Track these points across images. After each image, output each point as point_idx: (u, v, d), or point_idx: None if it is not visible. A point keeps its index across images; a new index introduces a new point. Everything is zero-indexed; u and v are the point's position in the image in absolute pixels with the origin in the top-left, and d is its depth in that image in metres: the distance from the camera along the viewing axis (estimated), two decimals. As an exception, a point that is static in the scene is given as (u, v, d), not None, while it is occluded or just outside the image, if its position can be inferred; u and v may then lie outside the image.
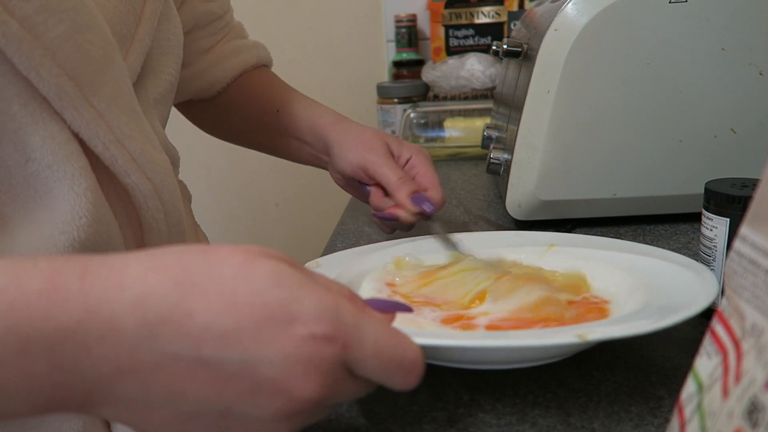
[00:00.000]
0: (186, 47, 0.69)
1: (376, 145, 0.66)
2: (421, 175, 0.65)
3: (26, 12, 0.39)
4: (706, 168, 0.64)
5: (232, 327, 0.28)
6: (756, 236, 0.25)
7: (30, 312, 0.27)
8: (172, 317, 0.28)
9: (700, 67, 0.62)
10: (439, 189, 0.64)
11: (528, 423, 0.39)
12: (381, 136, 0.67)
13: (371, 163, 0.65)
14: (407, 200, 0.62)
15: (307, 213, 1.54)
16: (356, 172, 0.66)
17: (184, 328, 0.28)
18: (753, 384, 0.23)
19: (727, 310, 0.26)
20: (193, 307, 0.28)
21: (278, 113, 0.73)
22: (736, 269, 0.26)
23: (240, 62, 0.74)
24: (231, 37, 0.75)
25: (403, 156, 0.66)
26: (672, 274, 0.46)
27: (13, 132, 0.41)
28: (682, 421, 0.27)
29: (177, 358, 0.28)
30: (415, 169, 0.66)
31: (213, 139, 0.81)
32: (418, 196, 0.62)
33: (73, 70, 0.41)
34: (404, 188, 0.62)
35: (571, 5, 0.62)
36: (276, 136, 0.74)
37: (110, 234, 0.45)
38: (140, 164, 0.46)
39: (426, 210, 0.61)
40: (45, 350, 0.27)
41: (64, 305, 0.28)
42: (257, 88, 0.74)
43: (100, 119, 0.43)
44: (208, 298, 0.29)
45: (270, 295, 0.29)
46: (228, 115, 0.76)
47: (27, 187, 0.42)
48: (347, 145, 0.67)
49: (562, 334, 0.38)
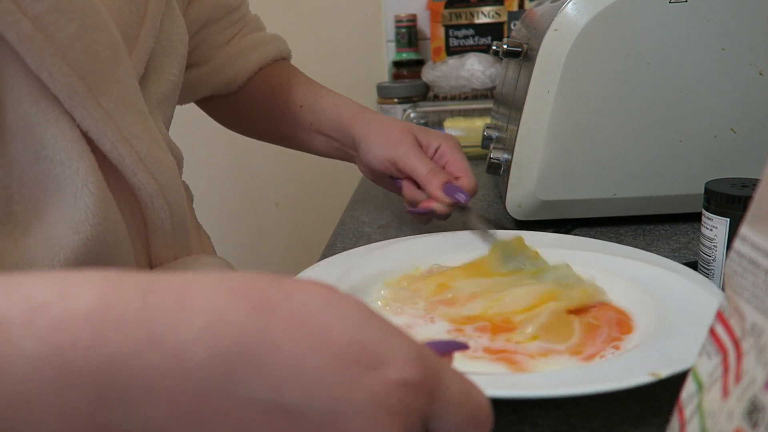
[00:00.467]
0: (202, 42, 0.69)
1: (403, 138, 0.65)
2: (451, 164, 0.64)
3: (38, 11, 0.39)
4: (706, 168, 0.64)
5: (321, 368, 0.23)
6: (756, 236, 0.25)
7: (76, 337, 0.22)
8: (252, 352, 0.23)
9: (700, 67, 0.62)
10: (471, 176, 0.63)
11: (528, 423, 0.39)
12: (407, 127, 0.67)
13: (400, 156, 0.64)
14: (440, 192, 0.61)
15: (307, 213, 1.54)
16: (386, 167, 0.66)
17: (266, 366, 0.23)
18: (753, 384, 0.23)
19: (727, 310, 0.26)
20: (280, 342, 0.23)
21: (301, 108, 0.72)
22: (736, 269, 0.26)
23: (259, 56, 0.73)
24: (248, 30, 0.74)
25: (431, 145, 0.66)
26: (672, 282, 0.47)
27: (25, 130, 0.41)
28: (682, 421, 0.27)
29: (253, 404, 0.23)
30: (444, 158, 0.65)
31: (214, 139, 0.81)
32: (451, 186, 0.61)
33: (82, 69, 0.42)
34: (436, 180, 0.62)
35: (571, 5, 0.62)
36: (300, 131, 0.73)
37: (118, 233, 0.46)
38: (147, 164, 0.47)
39: (460, 200, 0.61)
40: (90, 384, 0.22)
41: (118, 330, 0.22)
42: (278, 82, 0.73)
43: (108, 118, 0.44)
44: (293, 331, 0.24)
45: (360, 335, 0.25)
46: (250, 110, 0.75)
47: (39, 185, 0.42)
48: (374, 139, 0.66)
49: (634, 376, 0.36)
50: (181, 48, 0.57)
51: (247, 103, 0.74)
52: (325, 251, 0.67)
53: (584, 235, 0.66)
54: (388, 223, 0.74)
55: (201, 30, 0.69)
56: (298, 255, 1.55)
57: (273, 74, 0.74)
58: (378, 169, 0.67)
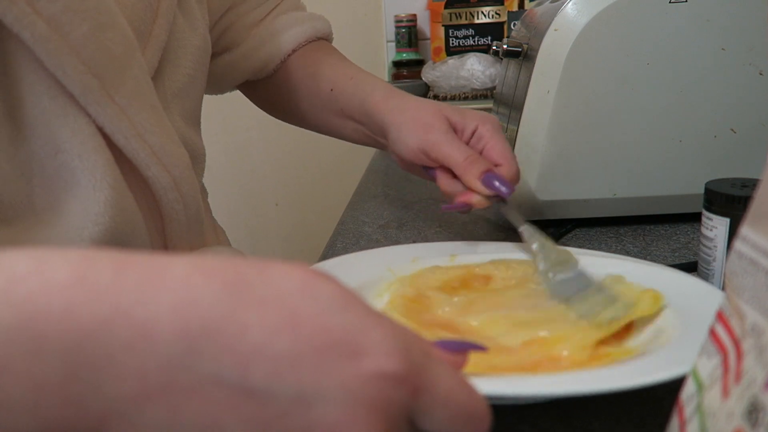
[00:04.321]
0: (231, 26, 0.67)
1: (435, 123, 0.58)
2: (490, 148, 0.57)
3: (52, 12, 0.41)
4: (706, 168, 0.64)
5: (289, 351, 0.23)
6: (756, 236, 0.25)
7: (49, 305, 0.22)
8: (220, 330, 0.23)
9: (700, 67, 0.62)
10: (513, 163, 0.56)
11: (528, 423, 0.39)
12: (440, 109, 0.59)
13: (432, 144, 0.57)
14: (478, 183, 0.54)
15: (307, 213, 1.54)
16: (418, 157, 0.58)
17: (232, 346, 0.23)
18: (753, 384, 0.23)
19: (727, 310, 0.26)
20: (248, 322, 0.23)
21: (332, 92, 0.66)
22: (736, 269, 0.26)
23: (293, 36, 0.68)
24: (283, 9, 0.70)
25: (467, 128, 0.58)
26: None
27: (44, 125, 0.43)
28: (682, 421, 0.27)
29: (218, 382, 0.23)
30: (482, 141, 0.57)
31: (213, 138, 0.81)
32: (490, 175, 0.54)
33: (96, 67, 0.43)
34: (473, 169, 0.54)
35: (571, 5, 0.62)
36: (333, 117, 0.68)
37: (135, 224, 0.47)
38: (160, 157, 0.49)
39: (502, 192, 0.54)
40: (60, 353, 0.22)
41: (89, 300, 0.23)
42: (312, 64, 0.68)
43: (123, 114, 0.45)
44: (265, 313, 0.23)
45: (335, 320, 0.24)
46: (286, 94, 0.71)
47: (58, 178, 0.44)
48: (404, 127, 0.59)
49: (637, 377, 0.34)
50: (196, 39, 0.57)
51: (282, 87, 0.70)
52: (325, 251, 0.67)
53: (584, 235, 0.66)
54: (388, 223, 0.74)
55: (228, 13, 0.67)
56: (298, 255, 1.55)
57: (307, 56, 0.69)
58: (409, 159, 0.60)
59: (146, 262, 0.24)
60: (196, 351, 0.23)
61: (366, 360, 0.23)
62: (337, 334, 0.24)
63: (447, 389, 0.25)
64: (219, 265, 0.25)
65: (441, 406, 0.25)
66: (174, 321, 0.23)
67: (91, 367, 0.22)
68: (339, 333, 0.24)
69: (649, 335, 0.42)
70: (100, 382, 0.22)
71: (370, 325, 0.24)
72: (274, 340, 0.23)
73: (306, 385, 0.23)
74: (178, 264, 0.24)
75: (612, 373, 0.36)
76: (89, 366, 0.22)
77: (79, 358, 0.22)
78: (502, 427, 0.39)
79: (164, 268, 0.24)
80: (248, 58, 0.68)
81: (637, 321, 0.43)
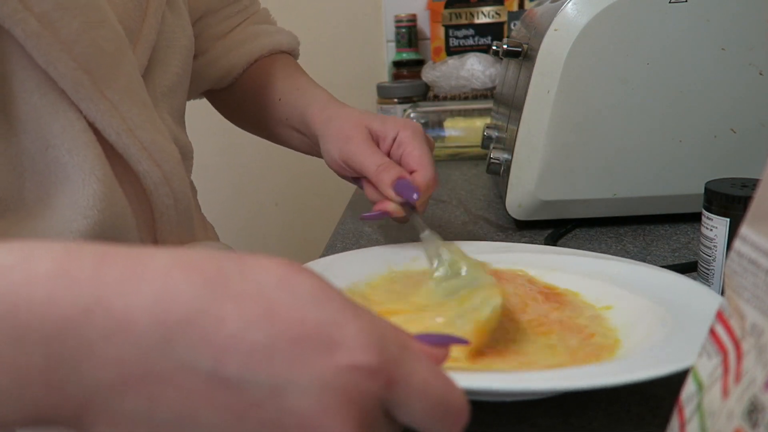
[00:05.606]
0: (200, 34, 0.68)
1: (354, 134, 0.57)
2: (407, 155, 0.55)
3: (44, 8, 0.41)
4: (706, 168, 0.64)
5: (263, 343, 0.24)
6: (756, 236, 0.25)
7: (31, 296, 0.23)
8: (195, 322, 0.23)
9: (700, 67, 0.62)
10: (428, 169, 0.54)
11: (528, 423, 0.39)
12: (363, 119, 0.59)
13: (350, 154, 0.57)
14: (390, 191, 0.53)
15: (307, 213, 1.54)
16: (342, 168, 0.59)
17: (207, 336, 0.23)
18: (753, 384, 0.23)
19: (727, 310, 0.26)
20: (225, 315, 0.24)
21: (280, 102, 0.68)
22: (736, 269, 0.26)
23: (254, 48, 0.70)
24: (250, 22, 0.72)
25: (388, 136, 0.57)
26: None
27: (35, 120, 0.43)
28: (682, 421, 0.27)
29: (193, 372, 0.23)
30: (401, 148, 0.56)
31: (212, 137, 0.81)
32: (402, 182, 0.53)
33: (88, 64, 0.44)
34: (385, 177, 0.54)
35: (571, 5, 0.62)
36: (281, 128, 0.69)
37: (125, 218, 0.48)
38: (150, 152, 0.49)
39: (412, 199, 0.52)
40: (41, 341, 0.23)
41: (70, 291, 0.23)
42: (266, 75, 0.70)
43: (114, 110, 0.46)
44: (242, 306, 0.24)
45: (310, 313, 0.24)
46: (243, 104, 0.72)
47: (49, 173, 0.45)
48: (329, 138, 0.59)
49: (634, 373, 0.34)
50: (184, 40, 0.58)
51: (239, 97, 0.72)
52: (325, 251, 0.67)
53: (584, 235, 0.66)
54: (388, 222, 0.74)
55: (199, 21, 0.68)
56: (298, 255, 1.55)
57: (263, 68, 0.70)
58: (335, 170, 0.60)
59: (128, 255, 0.25)
60: (173, 340, 0.23)
61: (340, 352, 0.24)
62: (313, 326, 0.24)
63: (422, 381, 0.25)
64: (199, 259, 0.25)
65: (417, 399, 0.25)
66: (152, 312, 0.23)
67: (71, 356, 0.23)
68: (314, 326, 0.24)
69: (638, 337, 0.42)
70: (81, 369, 0.23)
71: (346, 318, 0.25)
72: (249, 332, 0.24)
73: (280, 376, 0.23)
74: (159, 257, 0.25)
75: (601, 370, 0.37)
76: (70, 354, 0.23)
77: (60, 346, 0.23)
78: (502, 426, 0.39)
79: (145, 262, 0.25)
80: (211, 67, 0.70)
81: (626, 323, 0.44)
